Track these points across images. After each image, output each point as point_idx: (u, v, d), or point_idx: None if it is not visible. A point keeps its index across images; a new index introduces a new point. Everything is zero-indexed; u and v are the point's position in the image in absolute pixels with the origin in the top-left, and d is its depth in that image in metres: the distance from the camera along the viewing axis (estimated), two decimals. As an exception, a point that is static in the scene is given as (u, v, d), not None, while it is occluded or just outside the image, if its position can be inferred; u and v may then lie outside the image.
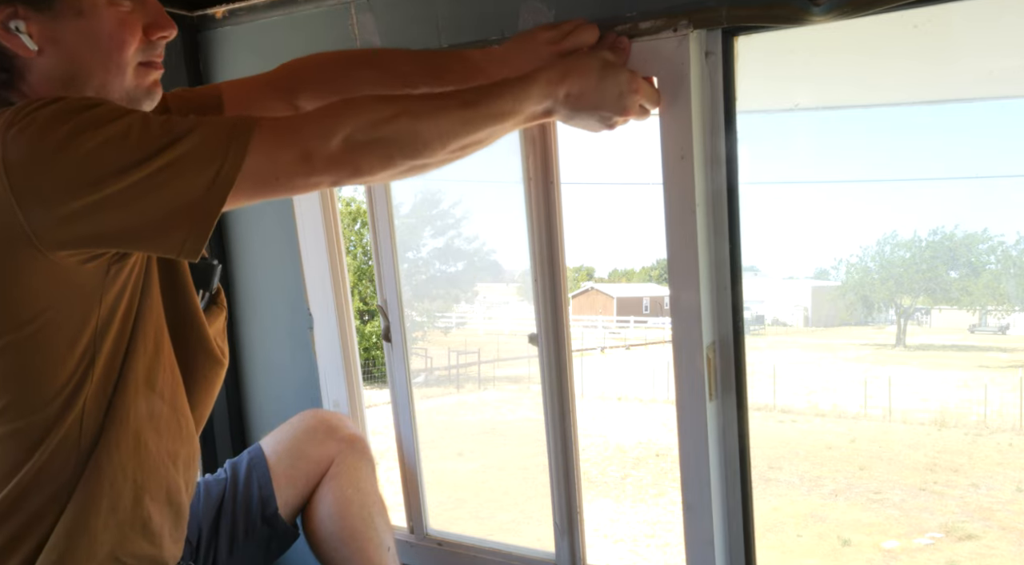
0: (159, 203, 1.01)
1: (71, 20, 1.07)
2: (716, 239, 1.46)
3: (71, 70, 1.09)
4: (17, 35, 1.06)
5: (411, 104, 1.14)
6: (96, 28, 1.09)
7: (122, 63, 1.12)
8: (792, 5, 1.27)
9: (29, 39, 1.06)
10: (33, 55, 1.07)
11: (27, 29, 1.06)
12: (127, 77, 1.13)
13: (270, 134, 1.05)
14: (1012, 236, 34.93)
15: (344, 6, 1.72)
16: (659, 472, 13.83)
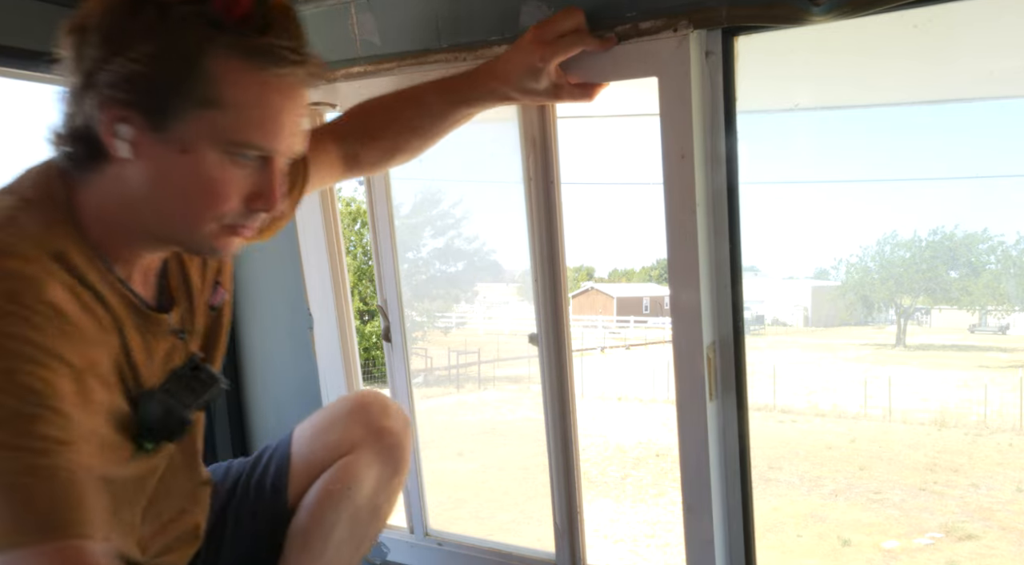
0: None
1: (175, 155, 1.01)
2: (716, 239, 1.46)
3: (145, 194, 1.04)
4: (117, 137, 1.01)
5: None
6: (194, 171, 1.02)
7: (199, 218, 1.05)
8: (792, 5, 1.27)
9: (126, 147, 1.01)
10: (123, 159, 1.02)
11: (130, 136, 1.01)
12: (198, 232, 1.07)
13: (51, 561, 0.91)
14: (1012, 236, 34.92)
15: (344, 6, 1.72)
16: (659, 472, 13.83)
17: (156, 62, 0.98)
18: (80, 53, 1.01)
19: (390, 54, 1.69)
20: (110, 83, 0.99)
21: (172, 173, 1.02)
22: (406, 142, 1.56)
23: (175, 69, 0.98)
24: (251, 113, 1.02)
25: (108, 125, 1.01)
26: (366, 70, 1.73)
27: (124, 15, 0.99)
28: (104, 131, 1.01)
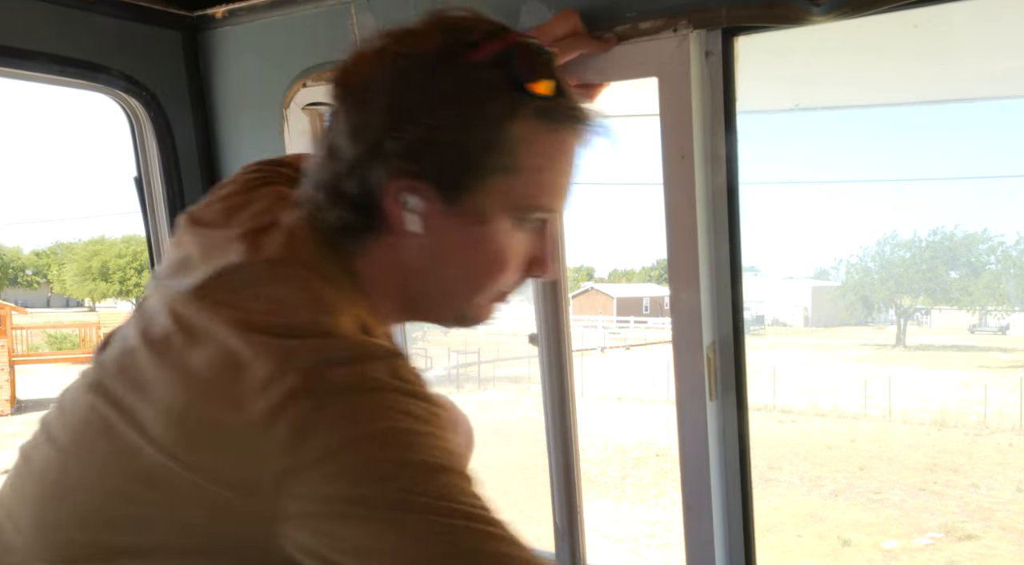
0: None
1: (467, 227, 0.93)
2: (716, 239, 1.46)
3: (426, 265, 0.96)
4: (403, 209, 0.92)
5: None
6: (486, 242, 0.94)
7: (487, 287, 0.98)
8: (792, 5, 1.27)
9: (415, 220, 0.92)
10: (406, 231, 0.93)
11: (419, 208, 0.92)
12: (474, 303, 1.00)
13: None
14: (1012, 236, 35.02)
15: (344, 6, 1.72)
16: (659, 472, 13.85)
17: (459, 130, 0.90)
18: (363, 118, 0.91)
19: (390, 54, 1.69)
20: (401, 152, 0.90)
21: (462, 245, 0.95)
22: None
23: (480, 137, 0.90)
24: (544, 176, 0.95)
25: (394, 196, 0.91)
26: (366, 70, 1.73)
27: (420, 78, 0.90)
28: (389, 202, 0.92)
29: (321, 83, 1.81)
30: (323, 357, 0.83)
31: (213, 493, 0.81)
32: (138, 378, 0.88)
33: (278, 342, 0.83)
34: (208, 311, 0.88)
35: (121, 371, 0.90)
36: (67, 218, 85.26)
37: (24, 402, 20.19)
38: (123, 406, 0.87)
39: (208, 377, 0.84)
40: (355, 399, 0.82)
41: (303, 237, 0.96)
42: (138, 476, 0.84)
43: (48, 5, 1.64)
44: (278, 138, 1.91)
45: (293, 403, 0.79)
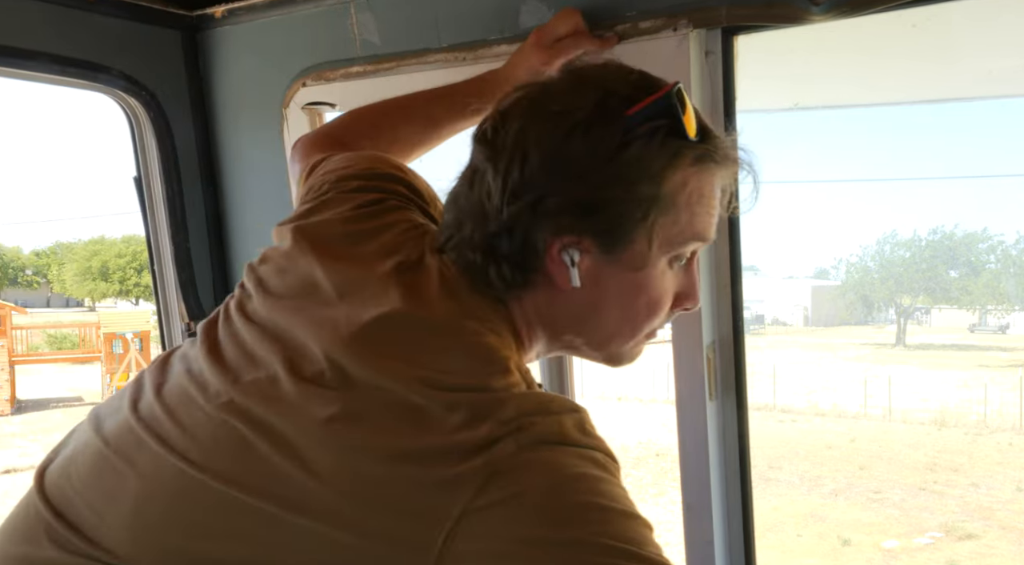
0: None
1: (627, 273, 0.94)
2: (716, 239, 1.45)
3: (586, 316, 0.97)
4: (567, 266, 0.92)
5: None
6: (647, 288, 0.95)
7: (639, 330, 0.99)
8: (792, 4, 1.27)
9: (576, 275, 0.92)
10: (568, 288, 0.93)
11: (581, 262, 0.92)
12: (631, 343, 1.01)
13: None
14: (1012, 236, 35.04)
15: (344, 6, 1.72)
16: (659, 472, 13.85)
17: (624, 185, 0.90)
18: (521, 176, 0.91)
19: (390, 54, 1.69)
20: (565, 210, 0.90)
21: (622, 293, 0.95)
22: (407, 158, 1.52)
23: (644, 191, 0.91)
24: (698, 214, 0.96)
25: (557, 253, 0.92)
26: (366, 70, 1.73)
27: (580, 136, 0.90)
28: (552, 258, 0.92)
29: (321, 83, 1.81)
30: (518, 409, 0.83)
31: (366, 548, 0.81)
32: (287, 409, 0.86)
33: (466, 396, 0.84)
34: (373, 363, 0.87)
35: (263, 397, 0.88)
36: (67, 218, 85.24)
37: (24, 402, 20.20)
38: (266, 428, 0.85)
39: (387, 427, 0.83)
40: (552, 448, 0.83)
41: (457, 284, 0.95)
42: (283, 500, 0.83)
43: (48, 5, 1.64)
44: (278, 138, 1.91)
45: (489, 451, 0.80)
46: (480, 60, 1.58)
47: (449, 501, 0.78)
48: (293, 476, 0.82)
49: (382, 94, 1.74)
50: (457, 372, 0.87)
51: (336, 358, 0.88)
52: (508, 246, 0.93)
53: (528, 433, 0.82)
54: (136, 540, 0.87)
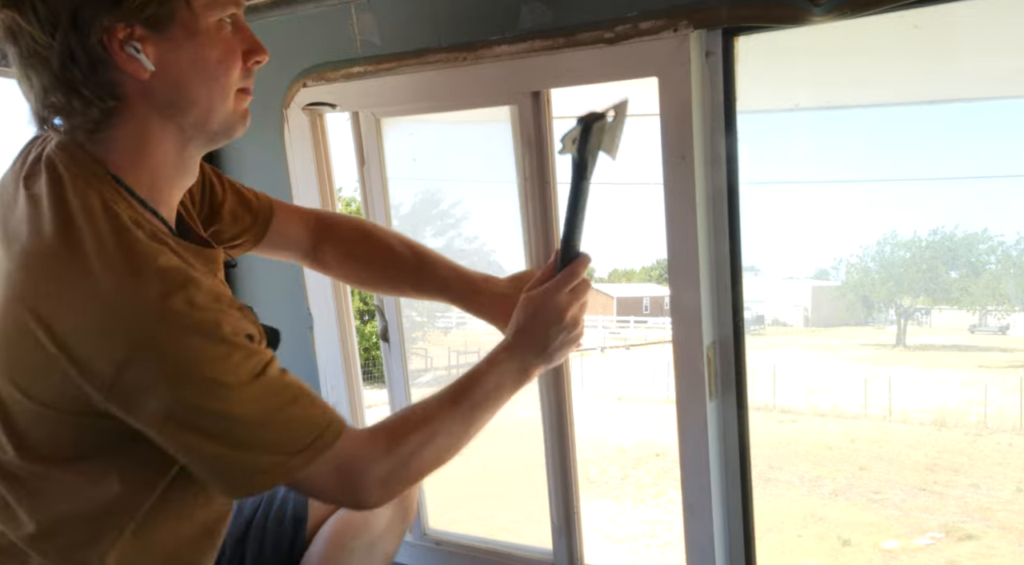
0: (227, 453, 1.04)
1: (184, 42, 1.06)
2: (716, 239, 1.46)
3: (179, 94, 1.08)
4: (135, 56, 1.03)
5: (437, 428, 1.21)
6: (207, 51, 1.08)
7: (227, 88, 1.11)
8: (792, 5, 1.27)
9: (147, 60, 1.04)
10: (147, 77, 1.05)
11: (144, 48, 1.04)
12: (228, 102, 1.12)
13: (338, 454, 1.09)
14: (1012, 236, 34.96)
15: (344, 6, 1.72)
16: (659, 472, 13.83)
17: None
18: (44, 5, 1.00)
19: (390, 54, 1.69)
20: (98, 9, 1.00)
21: (192, 63, 1.07)
22: (375, 287, 1.67)
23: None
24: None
25: (120, 50, 1.02)
26: (366, 70, 1.73)
27: None
28: (119, 59, 1.03)
29: (321, 83, 1.81)
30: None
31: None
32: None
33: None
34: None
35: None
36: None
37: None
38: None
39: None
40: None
41: (59, 156, 1.08)
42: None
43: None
44: (278, 138, 1.91)
45: None
46: (480, 60, 1.58)
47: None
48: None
49: (382, 94, 1.75)
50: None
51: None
52: (78, 71, 1.02)
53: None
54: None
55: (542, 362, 1.32)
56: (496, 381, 1.28)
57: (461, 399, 1.24)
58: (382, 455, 1.14)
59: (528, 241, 1.68)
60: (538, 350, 1.31)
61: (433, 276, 1.53)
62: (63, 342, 0.98)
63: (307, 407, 1.08)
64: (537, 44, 1.51)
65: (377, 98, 1.77)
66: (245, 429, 1.03)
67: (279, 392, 1.06)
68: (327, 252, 1.54)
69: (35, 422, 1.05)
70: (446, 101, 1.74)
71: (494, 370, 1.29)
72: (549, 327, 1.30)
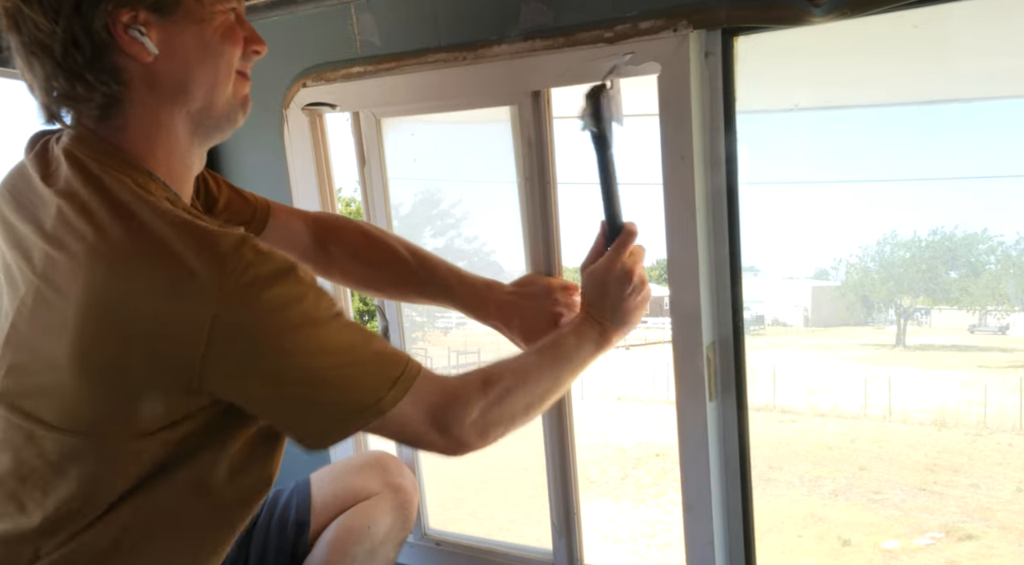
0: (318, 400, 1.06)
1: (189, 26, 1.07)
2: (716, 239, 1.46)
3: (183, 78, 1.09)
4: (139, 39, 1.04)
5: (528, 374, 1.26)
6: (211, 36, 1.09)
7: (230, 67, 1.13)
8: (792, 6, 1.27)
9: (150, 43, 1.05)
10: (151, 60, 1.06)
11: (148, 32, 1.05)
12: (230, 85, 1.14)
13: (427, 391, 1.11)
14: (1012, 236, 34.91)
15: (344, 6, 1.72)
16: (659, 472, 13.83)
17: None
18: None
19: (390, 54, 1.69)
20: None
21: (196, 47, 1.08)
22: (379, 289, 1.67)
23: None
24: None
25: (124, 33, 1.03)
26: (366, 70, 1.73)
27: None
28: (123, 42, 1.03)
29: (321, 83, 1.81)
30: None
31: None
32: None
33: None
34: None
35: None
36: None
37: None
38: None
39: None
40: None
41: (85, 149, 1.08)
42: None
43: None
44: (278, 138, 1.91)
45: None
46: (480, 60, 1.58)
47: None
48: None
49: (382, 94, 1.75)
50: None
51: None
52: (81, 56, 1.03)
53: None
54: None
55: (619, 324, 1.39)
56: (576, 342, 1.34)
57: (549, 355, 1.30)
58: (476, 393, 1.16)
59: (528, 241, 1.68)
60: (613, 314, 1.38)
61: (437, 280, 1.54)
62: (156, 326, 0.98)
63: (385, 346, 1.10)
64: (537, 44, 1.51)
65: (377, 98, 1.77)
66: (340, 366, 1.05)
67: (358, 330, 1.08)
68: (333, 253, 1.55)
69: (126, 410, 1.04)
70: (446, 101, 1.74)
71: (575, 333, 1.36)
72: (621, 290, 1.37)
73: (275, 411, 1.08)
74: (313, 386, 1.04)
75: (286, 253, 1.06)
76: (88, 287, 0.99)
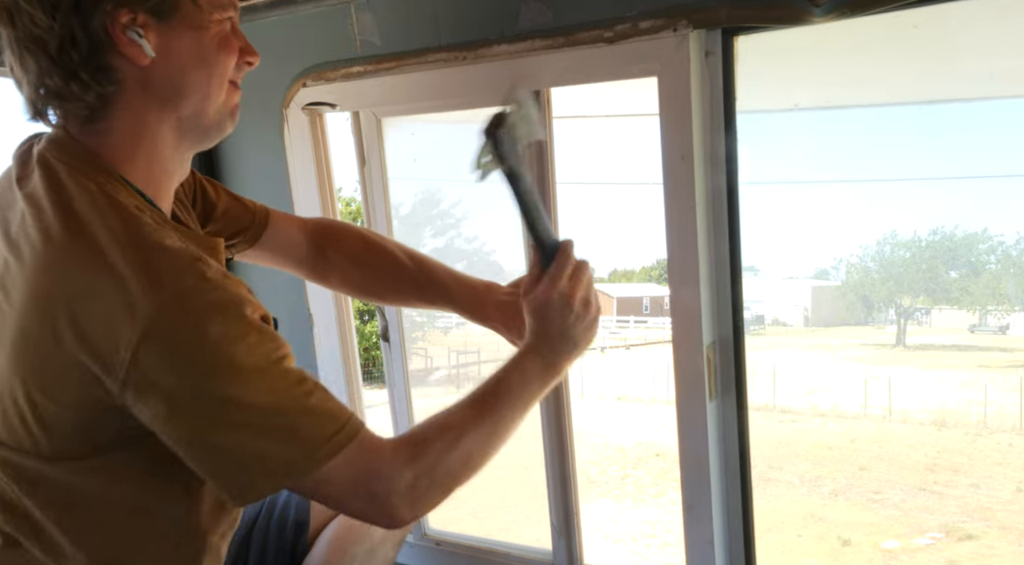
0: (242, 450, 1.00)
1: (186, 31, 1.07)
2: (716, 239, 1.46)
3: (177, 83, 1.08)
4: (137, 41, 1.03)
5: (462, 432, 1.16)
6: (208, 43, 1.09)
7: (224, 76, 1.12)
8: (792, 5, 1.27)
9: (148, 45, 1.04)
10: (147, 63, 1.05)
11: (146, 35, 1.04)
12: (223, 93, 1.13)
13: (358, 456, 1.04)
14: (1012, 236, 34.87)
15: (344, 6, 1.72)
16: (659, 472, 13.82)
17: None
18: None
19: (390, 54, 1.69)
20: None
21: (192, 53, 1.08)
22: (378, 295, 1.63)
23: None
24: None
25: (122, 34, 1.02)
26: (366, 70, 1.73)
27: None
28: (121, 43, 1.02)
29: (321, 83, 1.81)
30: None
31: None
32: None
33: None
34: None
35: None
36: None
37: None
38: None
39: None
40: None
41: (59, 150, 1.07)
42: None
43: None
44: (278, 138, 1.91)
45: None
46: (480, 60, 1.58)
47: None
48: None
49: (382, 94, 1.75)
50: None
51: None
52: (77, 54, 1.02)
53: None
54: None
55: (568, 352, 1.29)
56: (521, 379, 1.25)
57: (486, 402, 1.20)
58: (405, 463, 1.09)
59: (528, 241, 1.68)
60: (559, 343, 1.28)
61: (436, 284, 1.52)
62: (83, 336, 0.95)
63: (324, 401, 1.04)
64: (537, 44, 1.51)
65: (377, 98, 1.77)
66: (260, 417, 0.98)
67: (297, 382, 1.02)
68: (332, 259, 1.53)
69: (60, 425, 1.02)
70: (446, 101, 1.74)
71: (517, 369, 1.26)
72: (563, 318, 1.27)
73: (196, 456, 1.01)
74: (238, 434, 0.98)
75: (240, 285, 1.04)
76: (29, 294, 0.99)
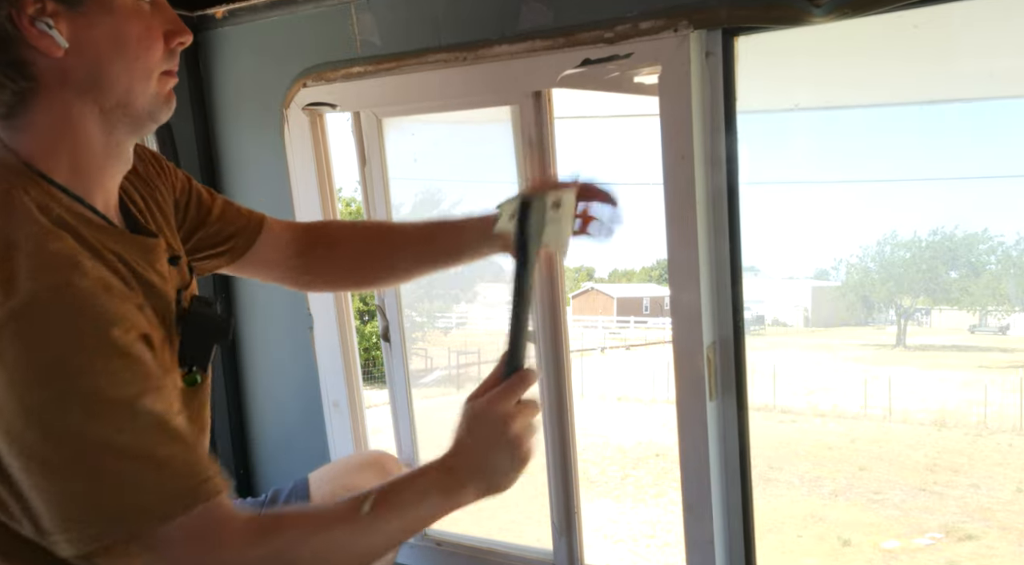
0: (73, 489, 0.89)
1: (100, 18, 1.00)
2: (716, 239, 1.46)
3: (96, 74, 1.02)
4: (47, 32, 0.97)
5: (325, 529, 1.04)
6: (125, 30, 1.02)
7: (148, 69, 1.05)
8: (792, 6, 1.27)
9: (59, 36, 0.97)
10: (61, 54, 0.98)
11: (57, 25, 0.97)
12: (151, 84, 1.07)
13: (202, 524, 0.93)
14: (1012, 236, 34.94)
15: (344, 6, 1.72)
16: (659, 472, 13.83)
17: None
18: None
19: (390, 54, 1.69)
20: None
21: (109, 41, 1.02)
22: (374, 274, 1.57)
23: None
24: None
25: (30, 26, 0.96)
26: (366, 70, 1.73)
27: None
28: (30, 35, 0.97)
29: (321, 83, 1.81)
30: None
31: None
32: None
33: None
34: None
35: None
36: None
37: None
38: None
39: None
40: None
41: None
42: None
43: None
44: (278, 138, 1.91)
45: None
46: (480, 60, 1.58)
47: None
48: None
49: (382, 94, 1.75)
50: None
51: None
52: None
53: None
54: None
55: (480, 484, 1.14)
56: (421, 491, 1.10)
57: (371, 504, 1.05)
58: (249, 544, 0.98)
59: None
60: (476, 469, 1.13)
61: (446, 231, 1.48)
62: None
63: (182, 453, 0.93)
64: (537, 44, 1.51)
65: (377, 98, 1.77)
66: (94, 457, 0.88)
67: (153, 425, 0.91)
68: (320, 254, 1.49)
69: None
70: (447, 101, 1.75)
71: (420, 480, 1.11)
72: (490, 443, 1.12)
73: (18, 491, 0.90)
74: (65, 472, 0.89)
75: (126, 299, 0.95)
76: None
